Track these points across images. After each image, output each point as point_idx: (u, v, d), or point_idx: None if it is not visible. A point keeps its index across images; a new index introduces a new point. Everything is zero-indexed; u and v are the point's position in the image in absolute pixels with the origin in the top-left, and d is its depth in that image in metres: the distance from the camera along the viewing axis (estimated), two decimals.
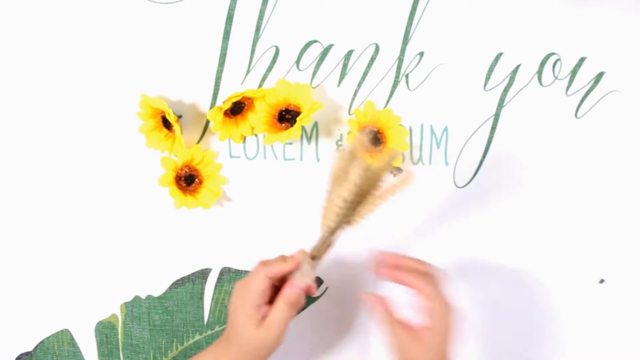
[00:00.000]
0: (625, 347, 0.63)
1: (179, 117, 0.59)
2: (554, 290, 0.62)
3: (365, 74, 0.59)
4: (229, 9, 0.57)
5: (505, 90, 0.59)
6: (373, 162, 0.45)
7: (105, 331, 0.63)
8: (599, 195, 0.61)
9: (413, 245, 0.62)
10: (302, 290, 0.49)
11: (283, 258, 0.50)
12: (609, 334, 0.62)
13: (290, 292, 0.49)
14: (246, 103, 0.58)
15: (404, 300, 0.51)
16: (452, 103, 0.59)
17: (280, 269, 0.49)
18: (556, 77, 0.59)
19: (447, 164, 0.60)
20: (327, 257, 0.52)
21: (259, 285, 0.49)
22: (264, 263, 0.50)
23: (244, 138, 0.60)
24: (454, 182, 0.61)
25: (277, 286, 0.51)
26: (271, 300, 0.50)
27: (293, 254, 0.50)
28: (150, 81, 0.58)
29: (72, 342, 0.63)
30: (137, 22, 0.58)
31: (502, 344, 0.63)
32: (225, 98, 0.56)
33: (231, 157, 0.60)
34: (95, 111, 0.59)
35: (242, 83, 0.59)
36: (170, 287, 0.62)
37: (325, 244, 0.50)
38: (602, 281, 0.62)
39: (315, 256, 0.51)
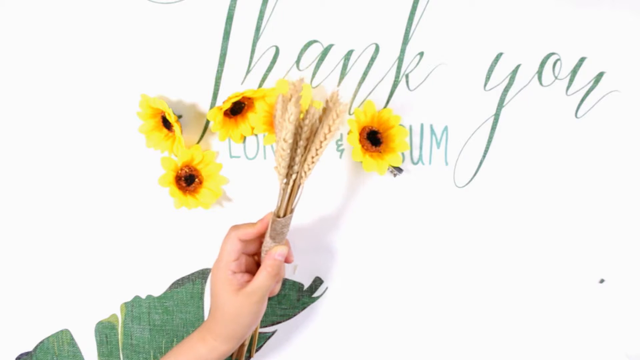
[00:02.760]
0: (626, 347, 0.63)
1: (179, 117, 0.59)
2: (554, 290, 0.62)
3: (365, 74, 0.59)
4: (229, 9, 0.57)
5: (505, 90, 0.59)
6: (306, 102, 0.48)
7: (105, 331, 0.63)
8: (599, 195, 0.61)
9: (413, 245, 0.62)
10: (283, 258, 0.51)
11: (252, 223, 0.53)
12: (609, 334, 0.62)
13: (272, 262, 0.51)
14: (246, 103, 0.58)
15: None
16: (452, 103, 0.59)
17: (250, 230, 0.52)
18: (556, 77, 0.59)
19: (447, 164, 0.60)
20: (294, 220, 0.52)
21: (231, 247, 0.51)
22: (235, 227, 0.52)
23: (244, 138, 0.60)
24: (454, 182, 0.61)
25: (257, 262, 0.54)
26: (248, 272, 0.53)
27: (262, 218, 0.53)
28: (150, 81, 0.58)
29: (72, 342, 0.63)
30: (137, 22, 0.58)
31: (502, 344, 0.63)
32: (225, 98, 0.56)
33: (231, 157, 0.60)
34: (95, 111, 0.59)
35: (242, 83, 0.59)
36: (170, 287, 0.62)
37: (285, 197, 0.50)
38: (602, 281, 0.62)
39: (280, 215, 0.51)
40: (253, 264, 0.54)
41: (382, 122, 0.58)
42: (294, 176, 0.50)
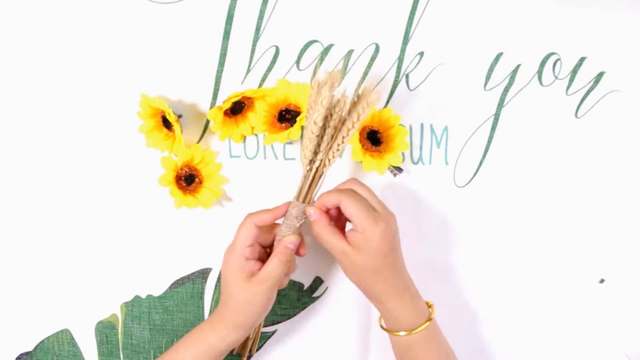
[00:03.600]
0: (626, 347, 0.63)
1: (179, 117, 0.59)
2: (554, 290, 0.62)
3: (365, 74, 0.59)
4: (229, 9, 0.57)
5: (505, 90, 0.59)
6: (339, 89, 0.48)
7: (105, 331, 0.63)
8: (599, 195, 0.61)
9: (413, 244, 0.61)
10: (294, 247, 0.52)
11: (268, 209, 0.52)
12: (609, 333, 0.62)
13: (283, 249, 0.51)
14: (246, 103, 0.58)
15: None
16: (452, 103, 0.59)
17: (267, 216, 0.52)
18: (556, 77, 0.59)
19: (447, 164, 0.60)
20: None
21: (246, 232, 0.51)
22: (251, 214, 0.52)
23: (244, 138, 0.60)
24: (454, 182, 0.61)
25: (269, 254, 0.53)
26: (261, 261, 0.52)
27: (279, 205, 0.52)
28: (150, 81, 0.58)
29: (72, 342, 0.63)
30: (137, 22, 0.58)
31: (501, 343, 0.63)
32: (225, 98, 0.56)
33: (231, 157, 0.60)
34: (95, 111, 0.59)
35: (242, 83, 0.59)
36: (170, 287, 0.62)
37: (307, 183, 0.51)
38: (602, 281, 0.62)
39: (299, 200, 0.51)
40: (265, 254, 0.54)
41: (382, 122, 0.58)
42: (317, 163, 0.50)
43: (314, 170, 0.51)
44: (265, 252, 0.54)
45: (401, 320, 0.52)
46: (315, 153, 0.50)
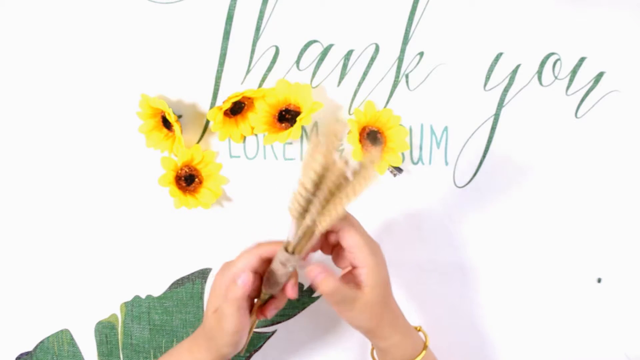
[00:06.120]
0: (625, 347, 0.63)
1: (179, 117, 0.59)
2: (552, 289, 0.62)
3: (365, 74, 0.59)
4: (229, 9, 0.57)
5: (505, 90, 0.59)
6: (334, 154, 0.43)
7: (105, 331, 0.63)
8: (598, 195, 0.61)
9: (413, 245, 0.62)
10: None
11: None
12: (608, 334, 0.63)
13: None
14: (246, 103, 0.58)
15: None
16: (452, 103, 0.59)
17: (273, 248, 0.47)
18: (556, 77, 0.59)
19: (447, 164, 0.60)
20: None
21: (246, 262, 0.47)
22: (262, 245, 0.48)
23: (244, 138, 0.60)
24: (454, 182, 0.61)
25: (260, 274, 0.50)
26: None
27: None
28: (150, 81, 0.58)
29: (72, 342, 0.63)
30: (137, 22, 0.58)
31: (500, 344, 0.63)
32: (225, 98, 0.56)
33: (231, 157, 0.60)
34: (95, 111, 0.59)
35: (242, 83, 0.59)
36: (170, 287, 0.62)
37: (295, 236, 0.46)
38: (599, 280, 0.62)
39: (287, 250, 0.46)
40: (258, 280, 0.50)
41: (382, 122, 0.58)
42: (308, 222, 0.45)
43: (303, 228, 0.45)
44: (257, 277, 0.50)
45: (400, 353, 0.49)
46: (305, 211, 0.45)
